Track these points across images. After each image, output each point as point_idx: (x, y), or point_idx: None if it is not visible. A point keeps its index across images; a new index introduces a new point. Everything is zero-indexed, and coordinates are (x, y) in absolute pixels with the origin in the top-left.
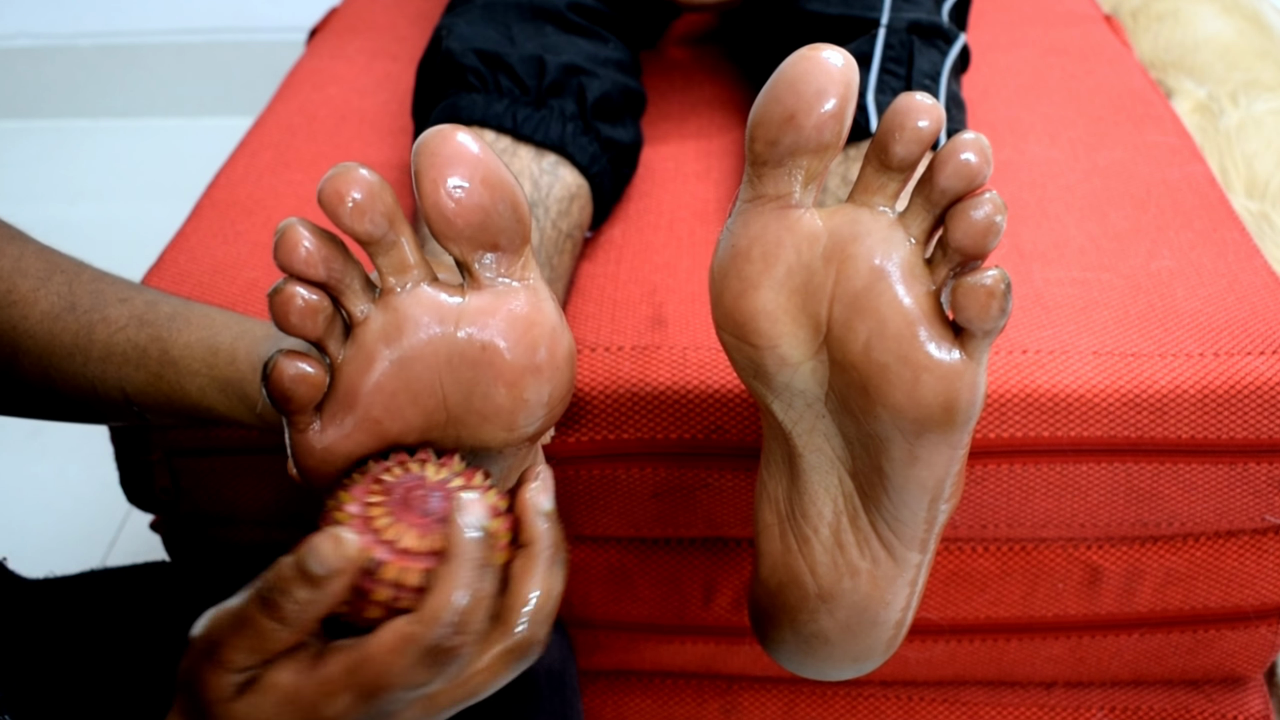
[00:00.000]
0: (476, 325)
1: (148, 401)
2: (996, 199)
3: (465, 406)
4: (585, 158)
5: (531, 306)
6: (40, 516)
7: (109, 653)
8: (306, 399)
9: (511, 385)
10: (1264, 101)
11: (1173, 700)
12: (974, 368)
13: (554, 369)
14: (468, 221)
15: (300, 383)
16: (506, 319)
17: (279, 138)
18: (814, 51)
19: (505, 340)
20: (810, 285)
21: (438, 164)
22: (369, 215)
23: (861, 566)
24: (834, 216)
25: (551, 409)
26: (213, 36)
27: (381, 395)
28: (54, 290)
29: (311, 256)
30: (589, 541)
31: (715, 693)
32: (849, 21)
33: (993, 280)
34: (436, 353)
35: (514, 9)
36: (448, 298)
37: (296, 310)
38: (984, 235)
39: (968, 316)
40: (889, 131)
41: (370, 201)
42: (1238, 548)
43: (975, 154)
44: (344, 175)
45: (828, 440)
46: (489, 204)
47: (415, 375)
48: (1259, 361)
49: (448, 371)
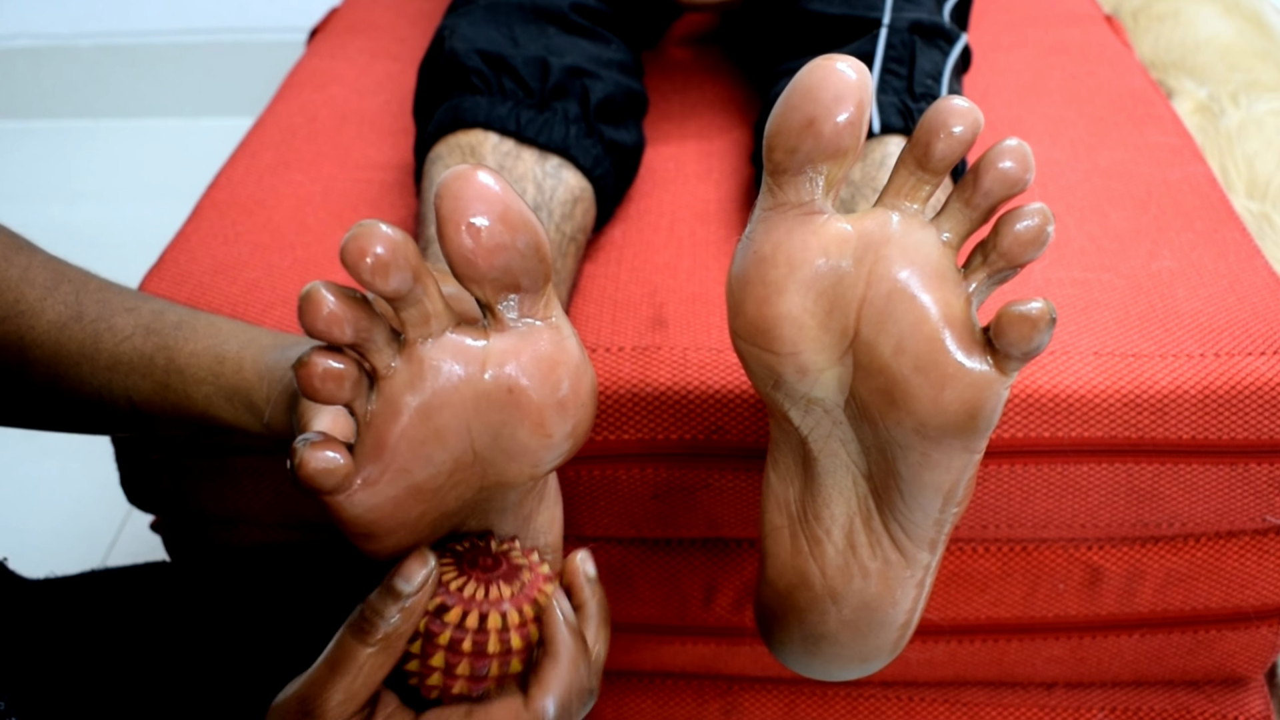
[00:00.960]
0: (501, 367)
1: (154, 410)
2: (1046, 210)
3: (493, 448)
4: (589, 160)
5: (555, 345)
6: (41, 517)
7: (110, 653)
8: (334, 485)
9: (537, 425)
10: (1265, 102)
11: (1173, 701)
12: (1003, 380)
13: (578, 405)
14: (490, 264)
15: (327, 475)
16: (531, 359)
17: (280, 138)
18: (828, 61)
19: (530, 380)
20: (839, 289)
21: (460, 207)
22: (394, 273)
23: (872, 567)
24: (864, 219)
25: (575, 443)
26: (213, 37)
27: (410, 444)
28: (61, 299)
29: (337, 317)
30: (589, 542)
31: (716, 693)
32: (851, 22)
33: (1038, 311)
34: (464, 398)
35: (516, 10)
36: (471, 341)
37: (322, 378)
38: (1031, 245)
39: (1008, 342)
40: (931, 132)
41: (394, 258)
42: (1238, 548)
43: (1018, 161)
44: (366, 233)
45: (844, 445)
46: (510, 245)
47: (443, 422)
48: (1260, 362)
49: (475, 415)
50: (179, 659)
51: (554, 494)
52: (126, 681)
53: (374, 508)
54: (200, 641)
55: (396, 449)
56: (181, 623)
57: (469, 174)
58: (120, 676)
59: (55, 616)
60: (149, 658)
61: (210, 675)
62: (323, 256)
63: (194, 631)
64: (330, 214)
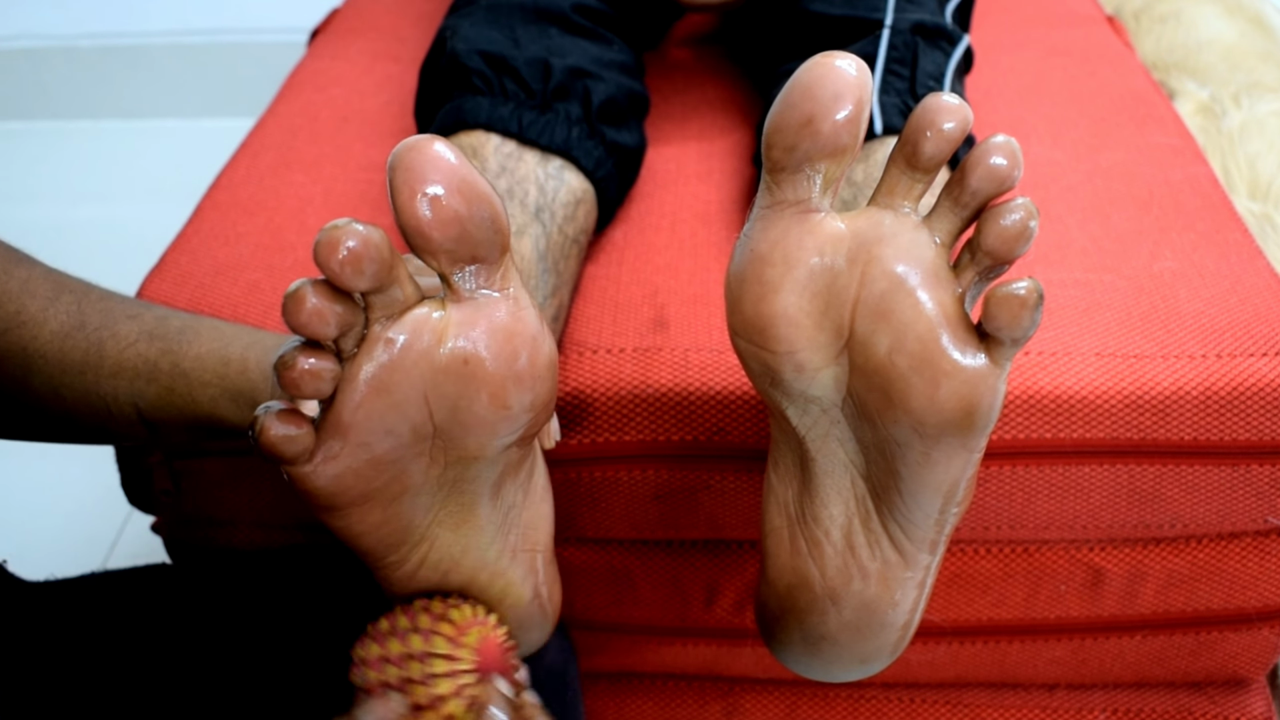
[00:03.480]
0: (458, 338)
1: (160, 416)
2: (1030, 205)
3: (451, 420)
4: (591, 162)
5: (512, 316)
6: (41, 519)
7: (110, 655)
8: (294, 455)
9: (494, 395)
10: (1266, 103)
11: (1175, 702)
12: (997, 373)
13: (535, 377)
14: (445, 235)
15: (288, 443)
16: (487, 330)
17: (280, 139)
18: (828, 58)
19: (487, 351)
20: (833, 289)
21: (413, 177)
22: (366, 267)
23: (872, 568)
24: (857, 219)
25: (534, 417)
26: (214, 38)
27: (368, 417)
28: (63, 309)
29: (319, 311)
30: (591, 544)
31: (717, 694)
32: (853, 22)
33: (1026, 290)
34: (420, 370)
35: (518, 10)
36: (428, 313)
37: (307, 378)
38: (1016, 240)
39: (997, 325)
40: (919, 130)
41: (366, 253)
42: (1240, 549)
43: (1007, 157)
44: (338, 232)
45: (842, 444)
46: (466, 216)
47: (401, 395)
48: (1262, 363)
49: (432, 386)
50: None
51: (542, 489)
52: (127, 684)
53: (335, 478)
54: (201, 644)
55: (356, 422)
56: (182, 625)
57: (423, 144)
58: (120, 679)
59: (55, 619)
60: (149, 660)
61: (211, 677)
62: None
63: (195, 634)
64: (331, 215)
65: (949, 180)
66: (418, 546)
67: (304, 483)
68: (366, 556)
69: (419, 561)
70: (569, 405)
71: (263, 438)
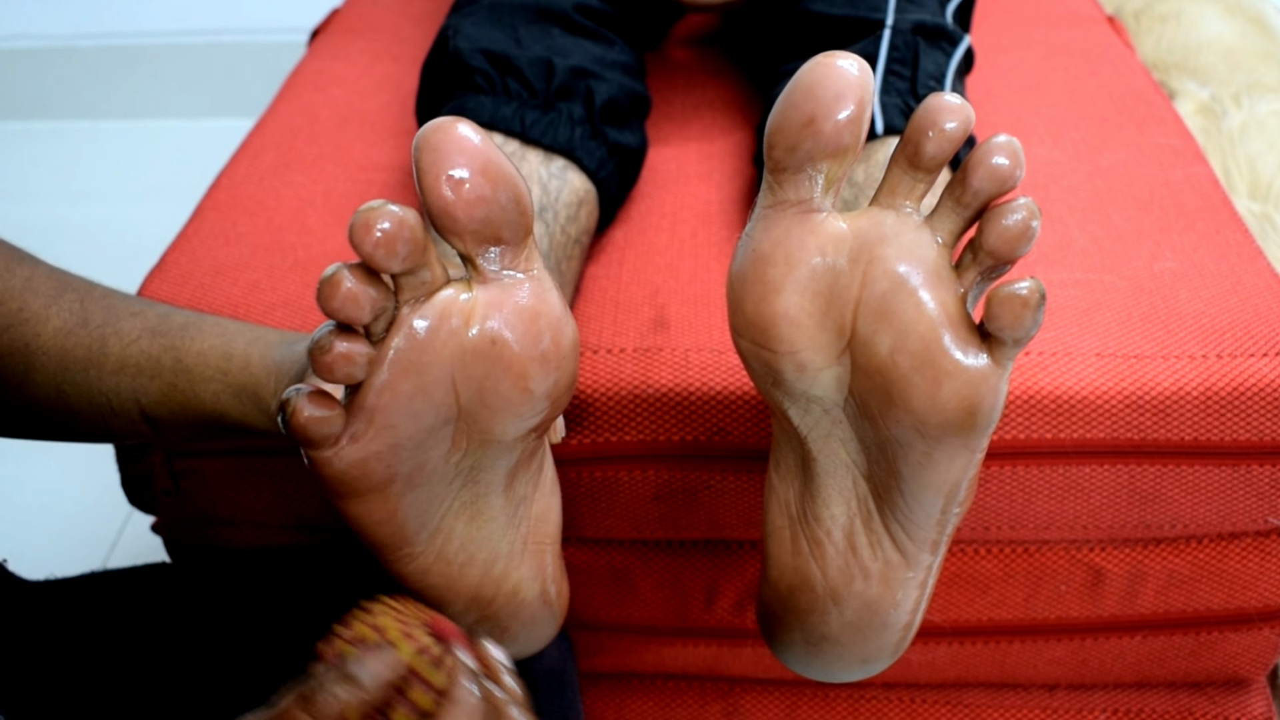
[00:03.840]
0: (486, 320)
1: (162, 412)
2: (1031, 205)
3: (476, 401)
4: (593, 162)
5: (536, 297)
6: (41, 518)
7: (110, 655)
8: (322, 437)
9: (519, 377)
10: (1267, 103)
11: (1175, 702)
12: (999, 373)
13: (559, 358)
14: (470, 216)
15: (320, 424)
16: (513, 311)
17: (281, 139)
18: (829, 58)
19: (512, 332)
20: (835, 289)
21: (439, 159)
22: (400, 248)
23: (873, 568)
24: (859, 219)
25: (556, 400)
26: (214, 38)
27: (397, 400)
28: (65, 307)
29: (354, 295)
30: (591, 543)
31: (717, 695)
32: (853, 23)
33: (1028, 290)
34: (450, 351)
35: (520, 10)
36: (456, 295)
37: (342, 362)
38: (1018, 240)
39: (1000, 325)
40: (921, 130)
41: (400, 234)
42: (1240, 550)
43: (1009, 157)
44: (374, 213)
45: (843, 444)
46: (491, 197)
47: (430, 377)
48: (1262, 363)
49: (460, 368)
50: (179, 660)
51: (550, 482)
52: (126, 683)
53: (358, 462)
54: (201, 643)
55: (382, 405)
56: (182, 624)
57: (448, 125)
58: (120, 678)
59: (55, 618)
60: (149, 659)
61: (211, 677)
62: (324, 258)
63: (195, 633)
64: (331, 215)
65: (951, 180)
66: (432, 538)
67: (326, 467)
68: (380, 549)
69: (434, 555)
70: (570, 405)
71: (294, 419)
